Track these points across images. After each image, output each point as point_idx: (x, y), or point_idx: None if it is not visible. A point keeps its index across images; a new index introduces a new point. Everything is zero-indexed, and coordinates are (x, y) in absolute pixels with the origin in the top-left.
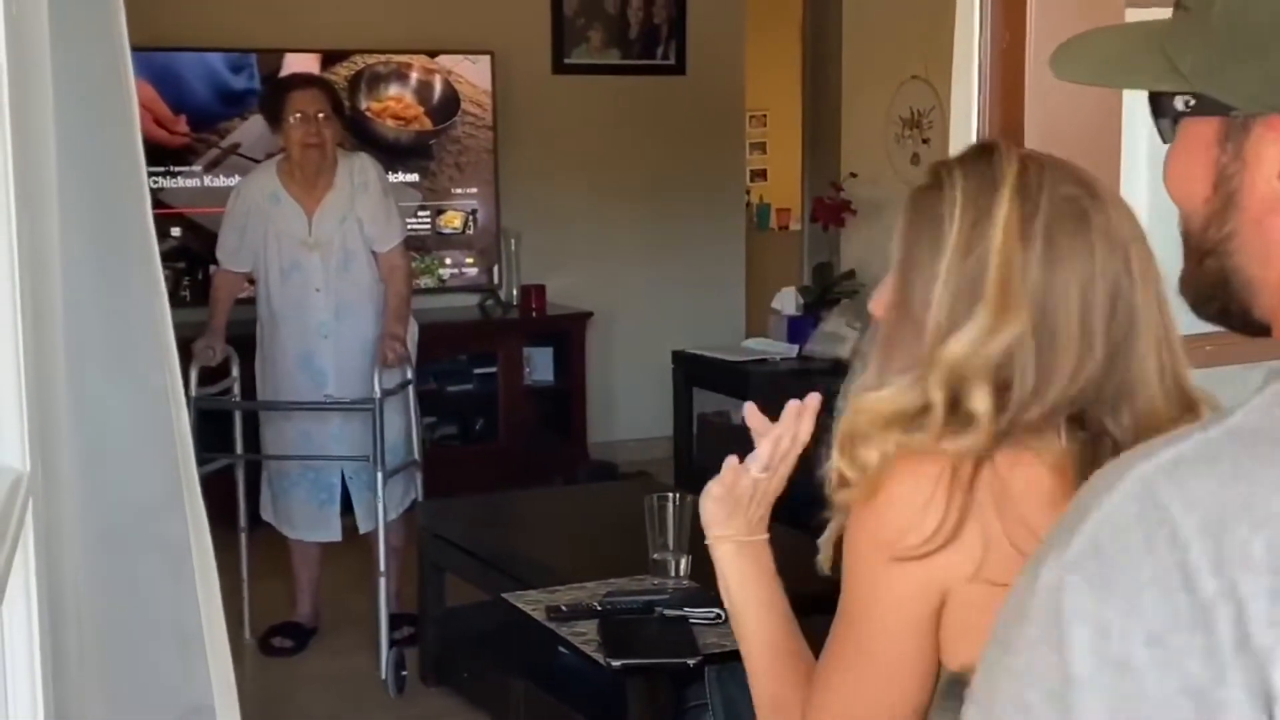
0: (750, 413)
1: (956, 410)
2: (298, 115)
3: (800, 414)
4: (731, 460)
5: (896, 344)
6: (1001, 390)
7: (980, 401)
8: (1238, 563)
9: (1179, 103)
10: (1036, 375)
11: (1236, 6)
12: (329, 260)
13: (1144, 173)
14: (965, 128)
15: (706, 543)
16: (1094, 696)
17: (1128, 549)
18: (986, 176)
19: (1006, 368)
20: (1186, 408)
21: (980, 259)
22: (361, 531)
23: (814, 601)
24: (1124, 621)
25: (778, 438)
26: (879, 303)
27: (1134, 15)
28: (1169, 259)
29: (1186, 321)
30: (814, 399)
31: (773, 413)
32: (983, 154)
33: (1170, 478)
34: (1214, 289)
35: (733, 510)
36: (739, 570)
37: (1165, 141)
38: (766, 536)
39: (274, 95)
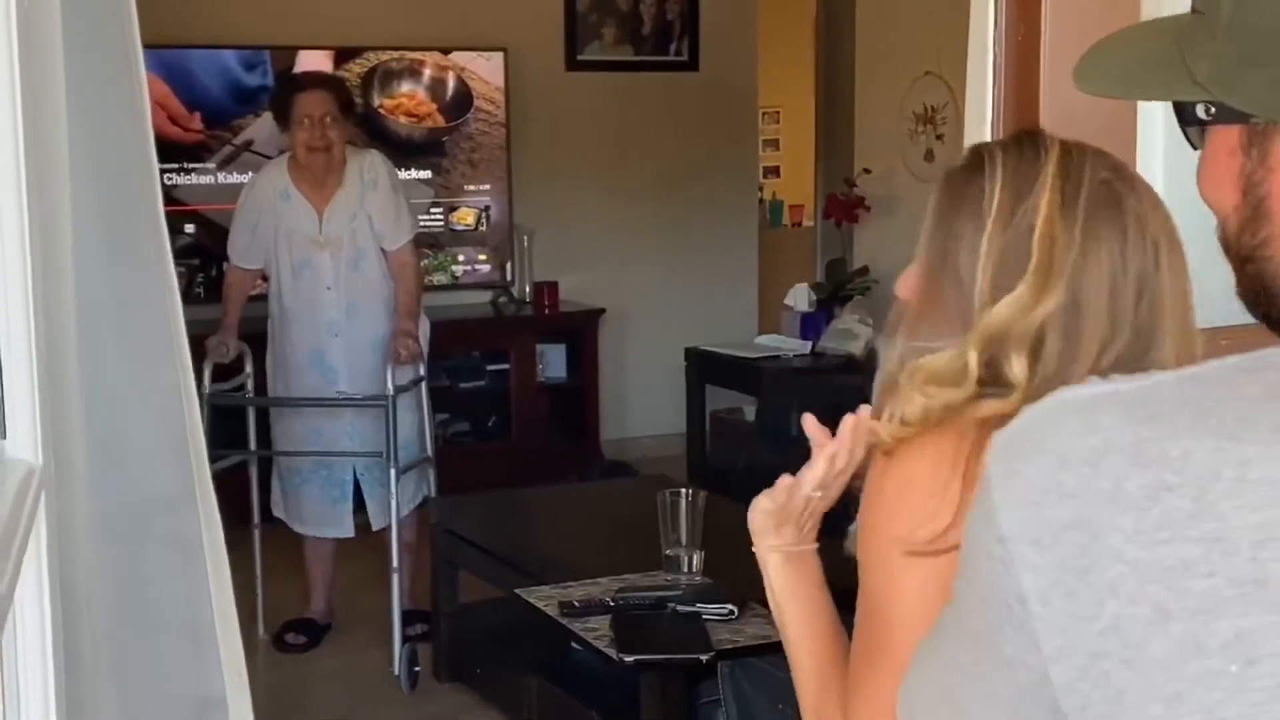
0: (809, 424)
1: (993, 378)
2: (303, 119)
3: (856, 430)
4: (785, 479)
5: (928, 318)
6: (1034, 362)
7: (1018, 368)
8: (1104, 496)
9: (1201, 110)
10: (1065, 351)
11: (1241, 13)
12: (339, 258)
13: (1160, 167)
14: (980, 122)
15: (754, 550)
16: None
17: (1022, 452)
18: (1029, 156)
19: (1041, 340)
20: None
21: (1022, 232)
22: (374, 528)
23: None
24: (1009, 513)
25: (833, 455)
26: (906, 283)
27: (1149, 6)
28: (1190, 252)
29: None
30: (867, 411)
31: (787, 411)
32: (1026, 137)
33: (1086, 406)
34: (1257, 294)
35: (783, 522)
36: (784, 580)
37: (1195, 148)
38: (815, 546)
39: (282, 96)
